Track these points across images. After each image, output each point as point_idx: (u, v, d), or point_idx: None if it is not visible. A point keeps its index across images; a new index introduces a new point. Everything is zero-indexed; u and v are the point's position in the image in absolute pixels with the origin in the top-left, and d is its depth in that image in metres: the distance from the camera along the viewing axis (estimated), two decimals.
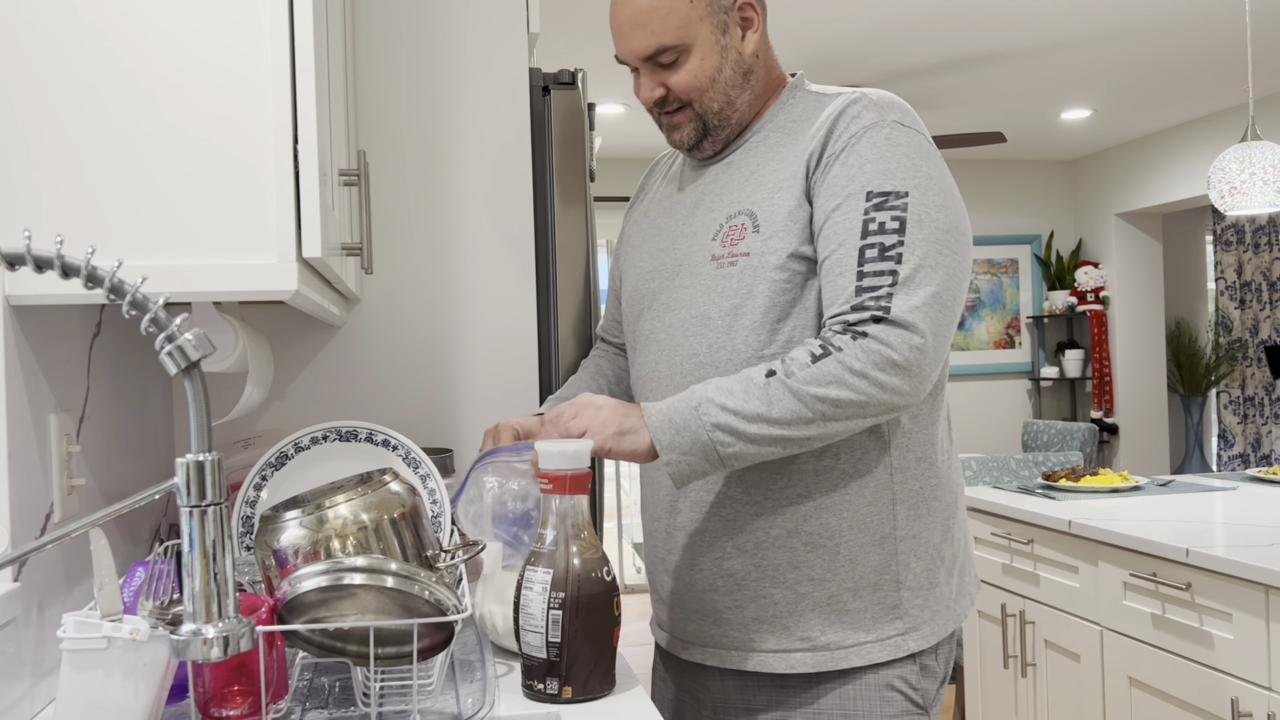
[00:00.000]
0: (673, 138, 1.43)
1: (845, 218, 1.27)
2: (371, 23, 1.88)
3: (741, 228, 1.35)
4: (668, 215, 1.49)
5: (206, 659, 0.75)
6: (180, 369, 0.76)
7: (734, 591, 1.40)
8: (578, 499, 1.18)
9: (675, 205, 1.49)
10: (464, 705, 1.12)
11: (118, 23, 1.09)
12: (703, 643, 1.44)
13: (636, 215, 1.59)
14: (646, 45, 1.36)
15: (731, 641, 1.41)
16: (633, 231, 1.57)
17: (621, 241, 1.61)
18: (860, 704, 1.36)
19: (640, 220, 1.56)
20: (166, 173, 1.09)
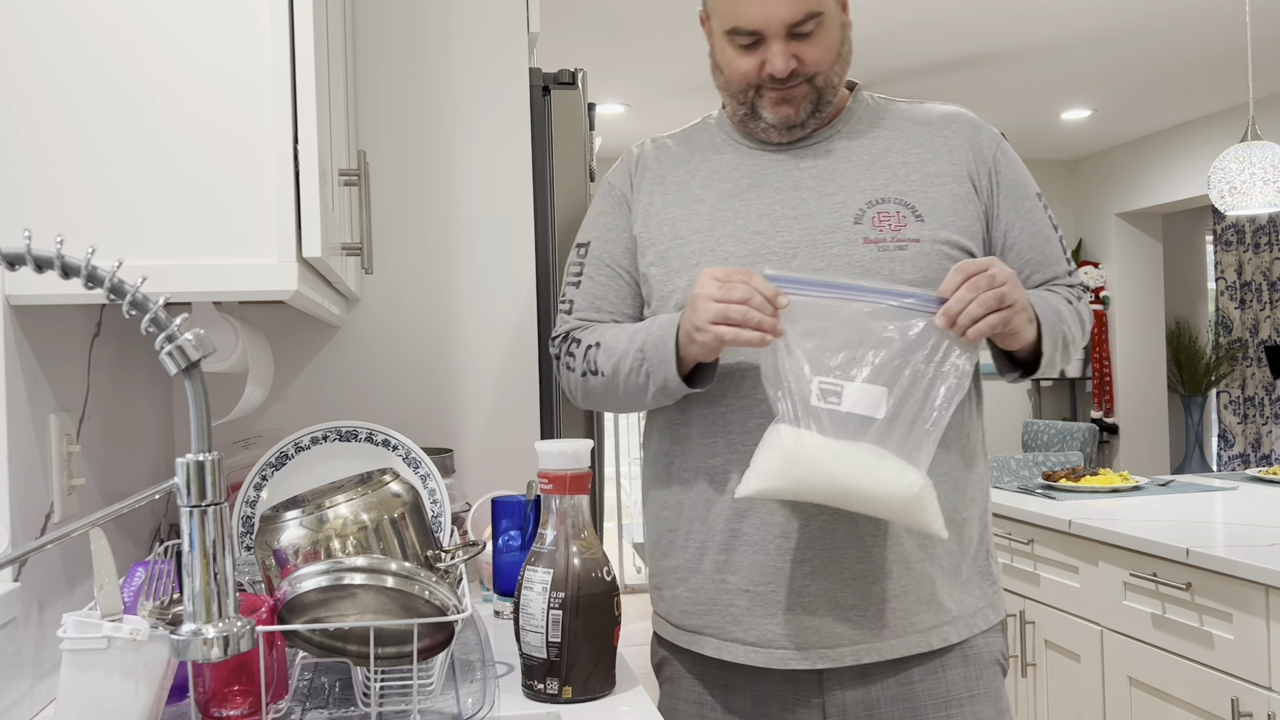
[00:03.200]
0: (779, 112, 1.38)
1: (1040, 211, 1.47)
2: (371, 23, 1.88)
3: (899, 215, 1.37)
4: (747, 199, 1.41)
5: (206, 659, 0.75)
6: (180, 369, 0.76)
7: (903, 577, 1.35)
8: (578, 499, 1.18)
9: (756, 188, 1.42)
10: (464, 705, 1.12)
11: (117, 23, 1.09)
12: (851, 641, 1.35)
13: (675, 197, 1.45)
14: (795, 11, 1.33)
15: (891, 629, 1.36)
16: (681, 214, 1.44)
17: (650, 221, 1.46)
18: (981, 683, 1.40)
19: (691, 202, 1.44)
20: (166, 173, 1.09)
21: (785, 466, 1.22)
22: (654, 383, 1.35)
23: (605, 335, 1.42)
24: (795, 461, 1.22)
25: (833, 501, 1.24)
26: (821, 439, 1.22)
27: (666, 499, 1.45)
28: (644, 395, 1.38)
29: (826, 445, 1.22)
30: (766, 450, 1.24)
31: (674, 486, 1.44)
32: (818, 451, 1.22)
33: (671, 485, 1.44)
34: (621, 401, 1.42)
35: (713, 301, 1.24)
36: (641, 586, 6.39)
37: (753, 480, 1.24)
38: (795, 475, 1.22)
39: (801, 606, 1.35)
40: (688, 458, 1.42)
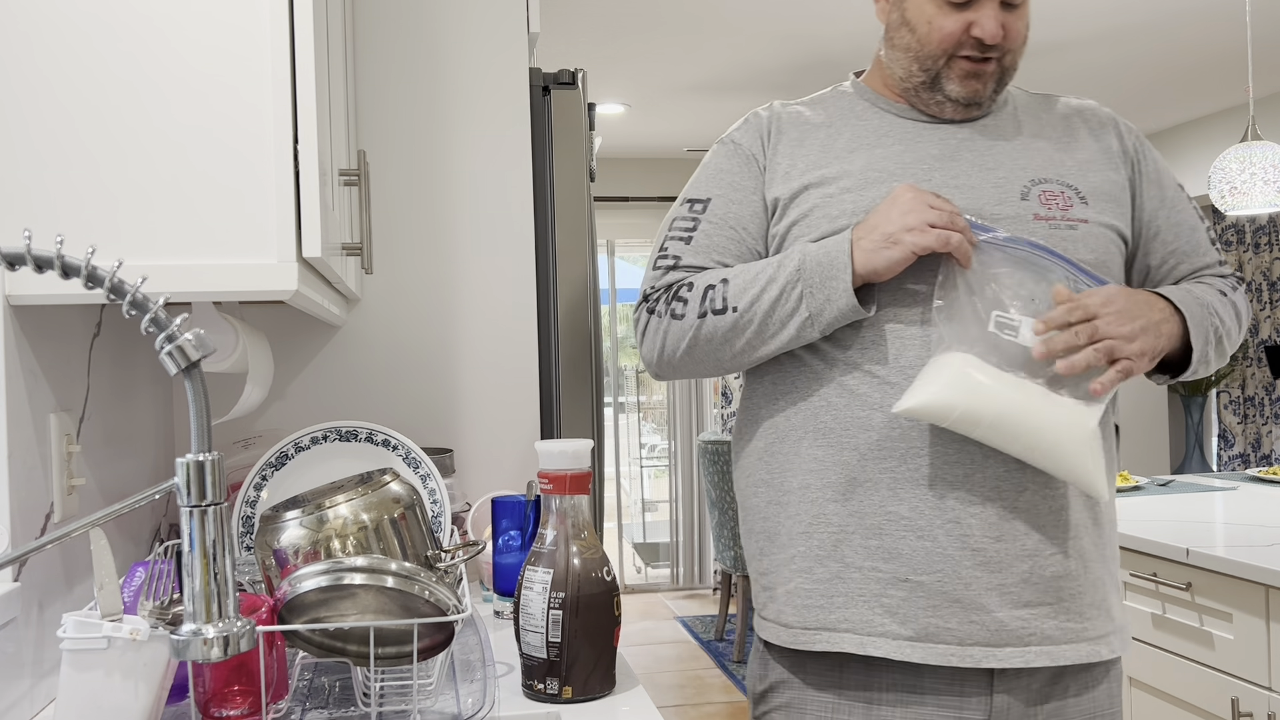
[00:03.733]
0: (967, 86, 1.32)
1: (1184, 201, 1.44)
2: (371, 23, 1.88)
3: (1064, 196, 1.32)
4: (902, 162, 1.33)
5: (206, 659, 0.75)
6: (180, 369, 0.76)
7: (1080, 575, 1.27)
8: (578, 499, 1.18)
9: (911, 154, 1.34)
10: (464, 705, 1.12)
11: (118, 24, 1.09)
12: (1022, 641, 1.24)
13: (819, 158, 1.35)
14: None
15: (1066, 632, 1.26)
16: (830, 173, 1.33)
17: (792, 182, 1.34)
18: (1115, 704, 1.35)
19: (839, 162, 1.34)
20: (166, 172, 1.09)
21: (952, 389, 1.16)
22: (808, 307, 1.24)
23: (731, 273, 1.31)
24: (964, 385, 1.17)
25: (994, 436, 1.18)
26: (994, 368, 1.19)
27: (783, 479, 1.32)
28: (782, 330, 1.26)
29: (999, 374, 1.18)
30: (934, 371, 1.19)
31: (795, 464, 1.31)
32: (989, 379, 1.17)
33: (792, 462, 1.31)
34: (742, 345, 1.29)
35: (926, 206, 1.21)
36: (642, 586, 6.38)
37: (915, 395, 1.18)
38: (962, 398, 1.16)
39: (971, 600, 1.23)
40: (828, 433, 1.29)
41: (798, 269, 1.25)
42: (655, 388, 7.16)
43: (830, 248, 1.24)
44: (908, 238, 1.21)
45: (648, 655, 4.94)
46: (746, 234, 1.36)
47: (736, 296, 1.28)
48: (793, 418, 1.32)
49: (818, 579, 1.28)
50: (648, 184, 6.48)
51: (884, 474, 1.26)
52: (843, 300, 1.23)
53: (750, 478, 1.38)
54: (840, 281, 1.23)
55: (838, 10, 4.10)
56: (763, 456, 1.35)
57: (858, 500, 1.27)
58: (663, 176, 6.47)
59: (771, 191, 1.36)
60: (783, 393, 1.34)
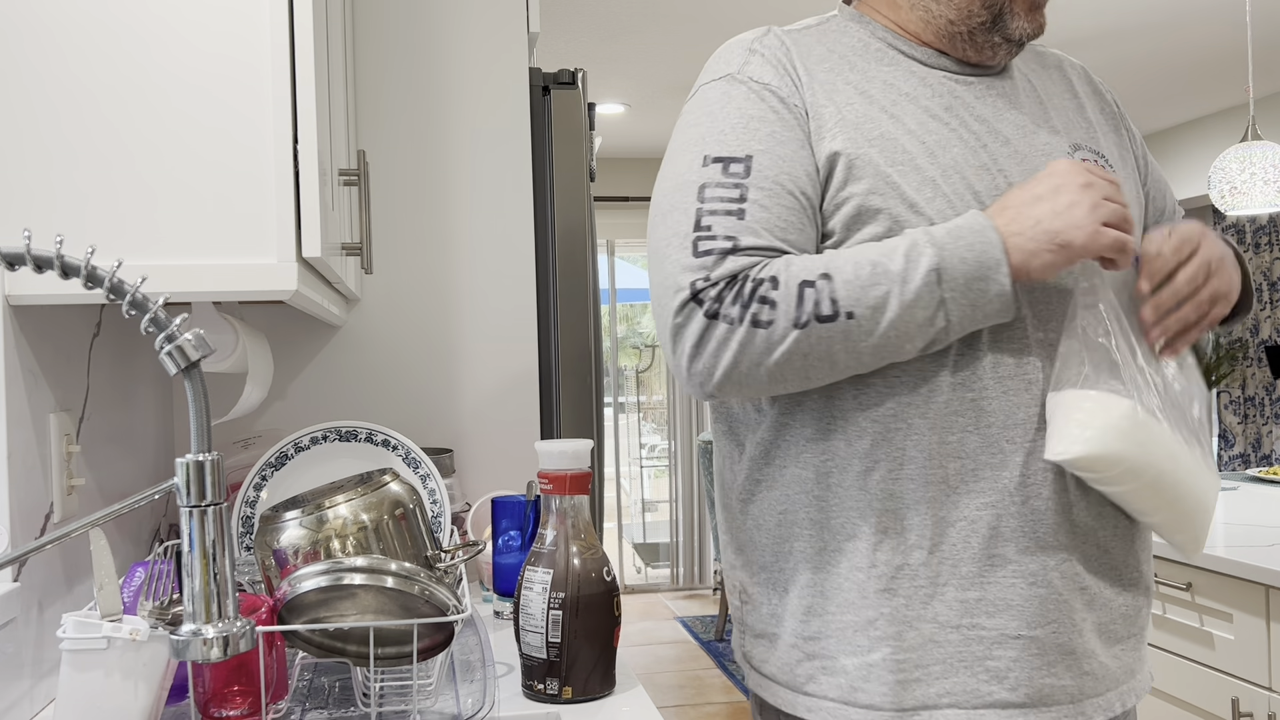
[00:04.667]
0: (1034, 20, 1.12)
1: (1153, 158, 1.27)
2: (371, 23, 1.88)
3: (1099, 166, 1.12)
4: (949, 124, 1.11)
5: (206, 659, 0.75)
6: (180, 369, 0.76)
7: (1147, 604, 1.14)
8: (578, 499, 1.18)
9: (955, 115, 1.11)
10: (464, 705, 1.12)
11: (117, 24, 1.09)
12: (1115, 683, 1.10)
13: (867, 109, 1.10)
14: None
15: (1140, 669, 1.14)
16: (894, 131, 1.09)
17: (858, 135, 1.08)
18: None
19: (888, 119, 1.10)
20: (165, 172, 1.09)
21: (1125, 440, 1.00)
22: (947, 315, 1.00)
23: (827, 263, 1.02)
24: (1138, 435, 1.00)
25: (1146, 495, 1.03)
26: (1153, 417, 1.03)
27: (844, 522, 1.07)
28: (907, 343, 1.01)
29: (1163, 424, 1.03)
30: (1090, 413, 1.00)
31: (864, 502, 1.06)
32: (1159, 428, 1.02)
33: (857, 500, 1.07)
34: (847, 360, 1.02)
35: (1100, 198, 1.01)
36: (642, 586, 6.38)
37: (1077, 441, 1.00)
38: (1134, 450, 1.00)
39: (1082, 647, 1.07)
40: (907, 462, 1.05)
41: (935, 267, 0.99)
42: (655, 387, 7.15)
43: (973, 241, 1.00)
44: (1079, 239, 1.00)
45: (648, 655, 4.94)
46: (808, 203, 1.07)
47: (851, 298, 1.00)
48: (857, 443, 1.06)
49: (909, 646, 1.05)
50: (648, 184, 6.48)
51: (984, 510, 1.05)
52: (994, 307, 1.01)
53: (784, 517, 1.11)
54: (994, 285, 1.00)
55: None
56: (810, 491, 1.09)
57: (950, 545, 1.05)
58: None
59: (830, 144, 1.08)
60: (842, 411, 1.08)
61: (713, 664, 4.79)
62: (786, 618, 1.11)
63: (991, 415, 1.05)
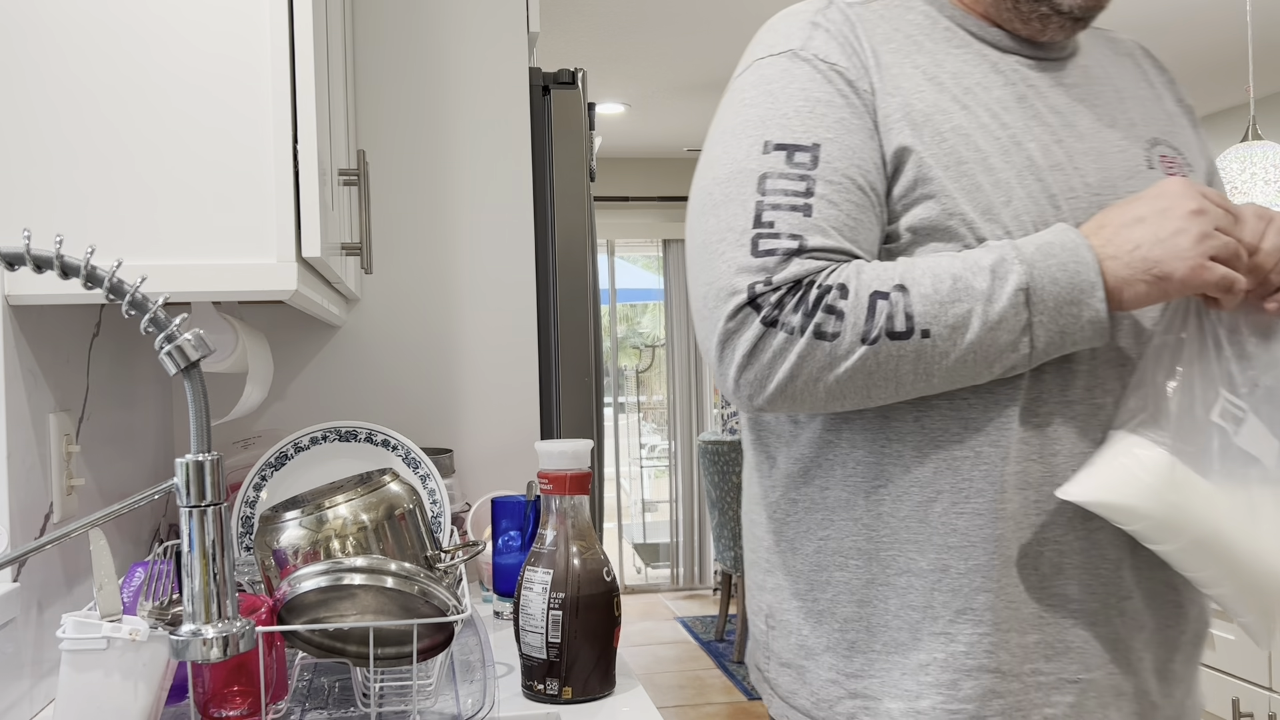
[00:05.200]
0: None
1: None
2: (371, 23, 1.88)
3: (1176, 163, 1.06)
4: (1021, 116, 1.00)
5: (206, 659, 0.75)
6: (179, 369, 0.76)
7: (1204, 639, 1.07)
8: (578, 499, 1.18)
9: (1028, 106, 1.01)
10: (464, 706, 1.12)
11: (117, 23, 1.08)
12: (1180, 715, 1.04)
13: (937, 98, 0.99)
14: None
15: (1179, 709, 1.05)
16: (966, 124, 0.98)
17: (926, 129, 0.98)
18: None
19: (959, 109, 0.99)
20: (165, 172, 1.09)
21: (1149, 496, 0.90)
22: (1033, 341, 0.91)
23: (902, 272, 0.92)
24: (1170, 492, 0.90)
25: (1193, 559, 0.93)
26: (1211, 472, 0.92)
27: (895, 555, 0.98)
28: (987, 368, 0.92)
29: (1208, 484, 0.92)
30: (1122, 458, 0.92)
31: (921, 535, 0.97)
32: (1201, 488, 0.91)
33: (915, 533, 0.97)
34: (916, 382, 0.93)
35: (1210, 228, 0.90)
36: (642, 587, 6.38)
37: (1092, 487, 0.92)
38: (1167, 505, 0.91)
39: (1139, 689, 0.99)
40: (974, 494, 0.95)
41: (1024, 286, 0.90)
42: (655, 387, 7.15)
43: (1066, 261, 0.91)
44: (1180, 272, 0.89)
45: (648, 656, 4.94)
46: (877, 199, 0.97)
47: (929, 315, 0.90)
48: (917, 469, 0.97)
49: (965, 697, 0.95)
50: (648, 184, 6.48)
51: (1046, 547, 0.96)
52: (1085, 334, 0.92)
53: (825, 544, 1.01)
54: (1087, 310, 0.90)
55: None
56: (858, 518, 0.99)
57: (1013, 585, 0.96)
58: (663, 176, 6.47)
59: (894, 137, 0.97)
60: (900, 433, 0.98)
61: (713, 664, 4.79)
62: (824, 652, 1.01)
63: (1057, 443, 0.96)
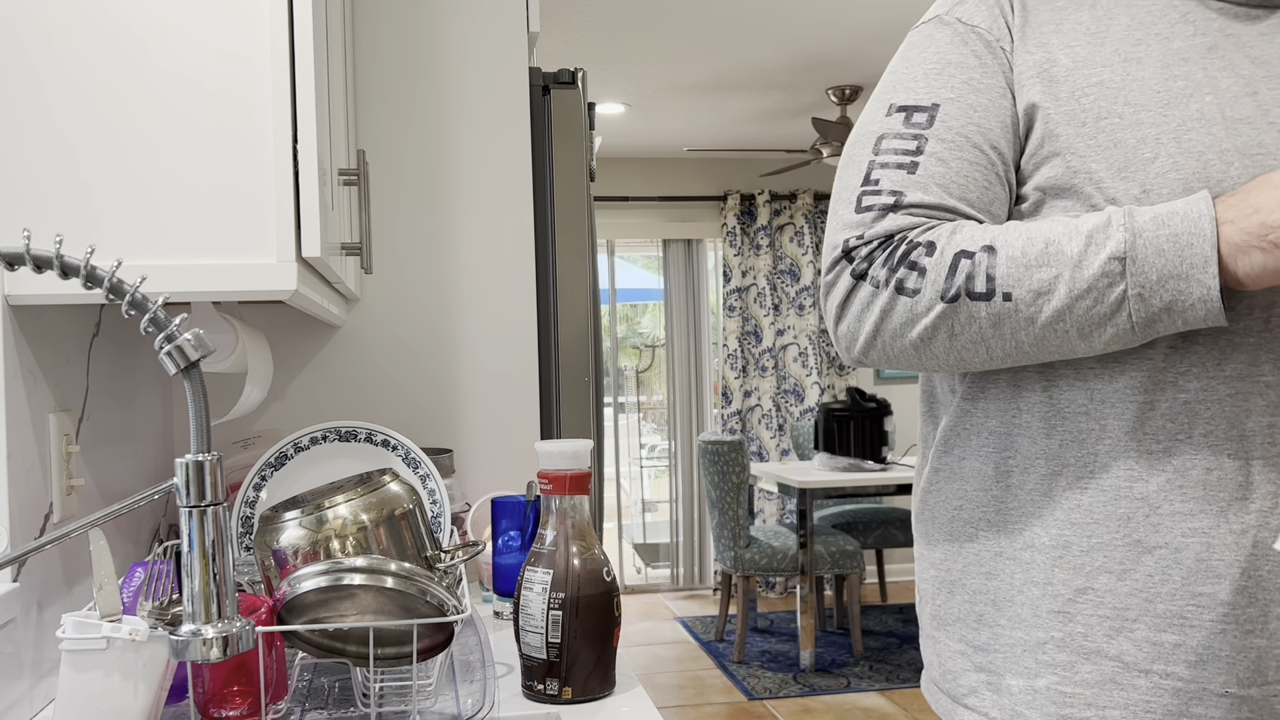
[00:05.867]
0: None
1: None
2: (371, 23, 1.88)
3: None
4: (1210, 67, 0.92)
5: (206, 659, 0.75)
6: (179, 369, 0.76)
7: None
8: (578, 499, 1.18)
9: (1220, 54, 0.92)
10: (464, 706, 1.12)
11: (116, 23, 1.08)
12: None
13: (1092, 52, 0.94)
14: None
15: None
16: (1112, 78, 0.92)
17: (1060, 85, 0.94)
18: None
19: (1122, 62, 0.93)
20: (166, 172, 1.09)
21: None
22: (1136, 313, 0.84)
23: (996, 233, 0.89)
24: None
25: None
26: None
27: (1021, 527, 0.95)
28: (1082, 341, 0.87)
29: None
30: None
31: (1045, 509, 0.93)
32: None
33: (1038, 506, 0.94)
34: (1007, 348, 0.90)
35: None
36: (642, 587, 6.38)
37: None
38: None
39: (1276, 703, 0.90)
40: (1099, 470, 0.91)
41: (1121, 254, 0.83)
42: (655, 387, 7.14)
43: (1180, 230, 0.83)
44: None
45: (648, 656, 4.94)
46: (999, 158, 0.94)
47: (1012, 277, 0.87)
48: (1043, 441, 0.94)
49: (1082, 680, 0.91)
50: (648, 184, 6.48)
51: (1191, 538, 0.88)
52: (1197, 314, 0.83)
53: (959, 514, 1.00)
54: (1196, 287, 0.82)
55: (838, 10, 4.10)
56: (988, 489, 0.97)
57: (1145, 574, 0.89)
58: (663, 176, 6.47)
59: (1025, 94, 0.94)
60: (1029, 403, 0.95)
61: (713, 664, 4.79)
62: (954, 622, 1.00)
63: (1211, 423, 0.88)
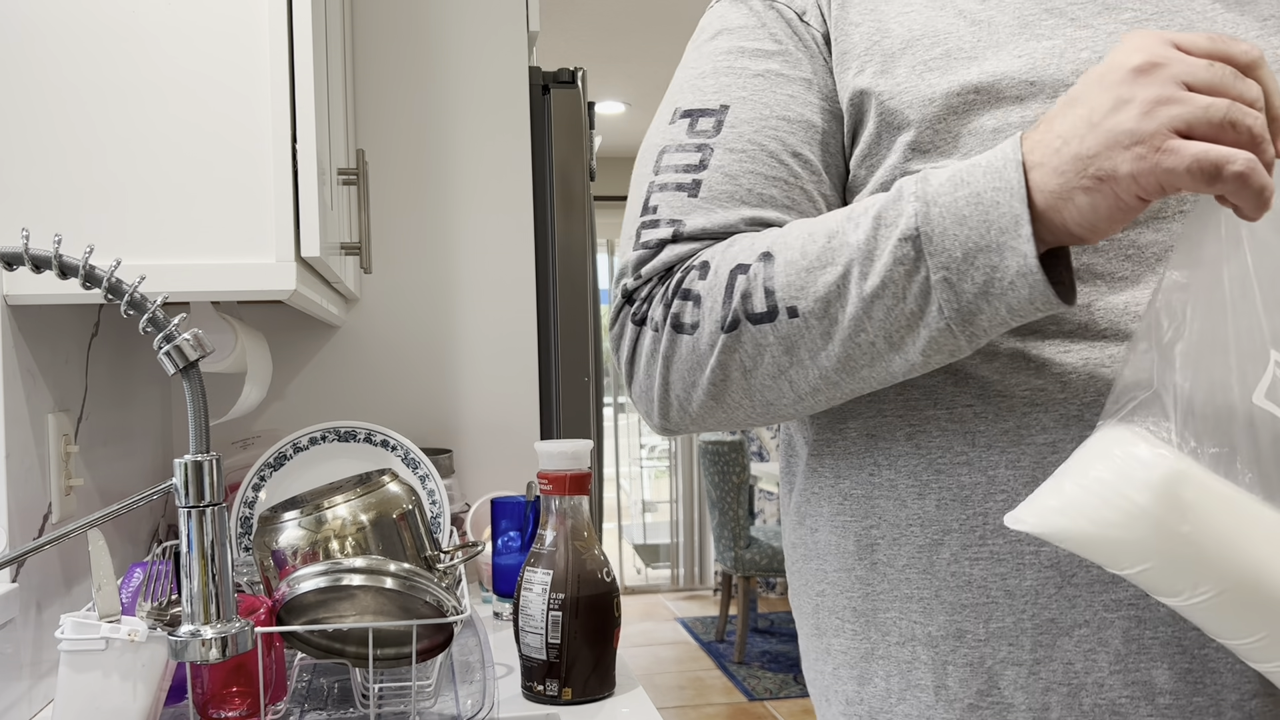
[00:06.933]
0: None
1: None
2: (371, 22, 1.88)
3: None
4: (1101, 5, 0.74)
5: (205, 660, 0.75)
6: (178, 369, 0.76)
7: None
8: (578, 499, 1.17)
9: None
10: (463, 706, 1.12)
11: (116, 22, 1.08)
12: None
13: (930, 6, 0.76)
14: None
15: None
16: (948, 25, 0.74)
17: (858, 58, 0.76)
18: None
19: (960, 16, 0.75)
20: (164, 171, 1.09)
21: (1150, 520, 0.59)
22: (948, 304, 0.63)
23: (775, 238, 0.70)
24: (1182, 515, 0.58)
25: (1221, 616, 0.60)
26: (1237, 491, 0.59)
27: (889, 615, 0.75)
28: (904, 350, 0.66)
29: (1251, 502, 0.59)
30: (1113, 471, 0.60)
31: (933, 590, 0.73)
32: (1240, 504, 0.59)
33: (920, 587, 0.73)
34: (825, 378, 0.69)
35: (1175, 82, 0.58)
36: (642, 587, 6.38)
37: (1064, 509, 0.61)
38: (1176, 541, 0.59)
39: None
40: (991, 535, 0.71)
41: (915, 230, 0.63)
42: None
43: (983, 188, 0.62)
44: (1126, 165, 0.58)
45: (648, 656, 4.94)
46: (803, 167, 0.75)
47: (793, 286, 0.68)
48: (914, 504, 0.74)
49: None
50: None
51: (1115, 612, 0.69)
52: (1019, 290, 0.61)
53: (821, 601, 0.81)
54: (1013, 258, 0.61)
55: None
56: (850, 569, 0.78)
57: (1064, 664, 0.70)
58: None
59: (849, 81, 0.76)
60: (890, 454, 0.75)
61: (713, 665, 4.79)
62: None
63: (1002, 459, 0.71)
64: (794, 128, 0.76)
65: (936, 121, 0.72)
